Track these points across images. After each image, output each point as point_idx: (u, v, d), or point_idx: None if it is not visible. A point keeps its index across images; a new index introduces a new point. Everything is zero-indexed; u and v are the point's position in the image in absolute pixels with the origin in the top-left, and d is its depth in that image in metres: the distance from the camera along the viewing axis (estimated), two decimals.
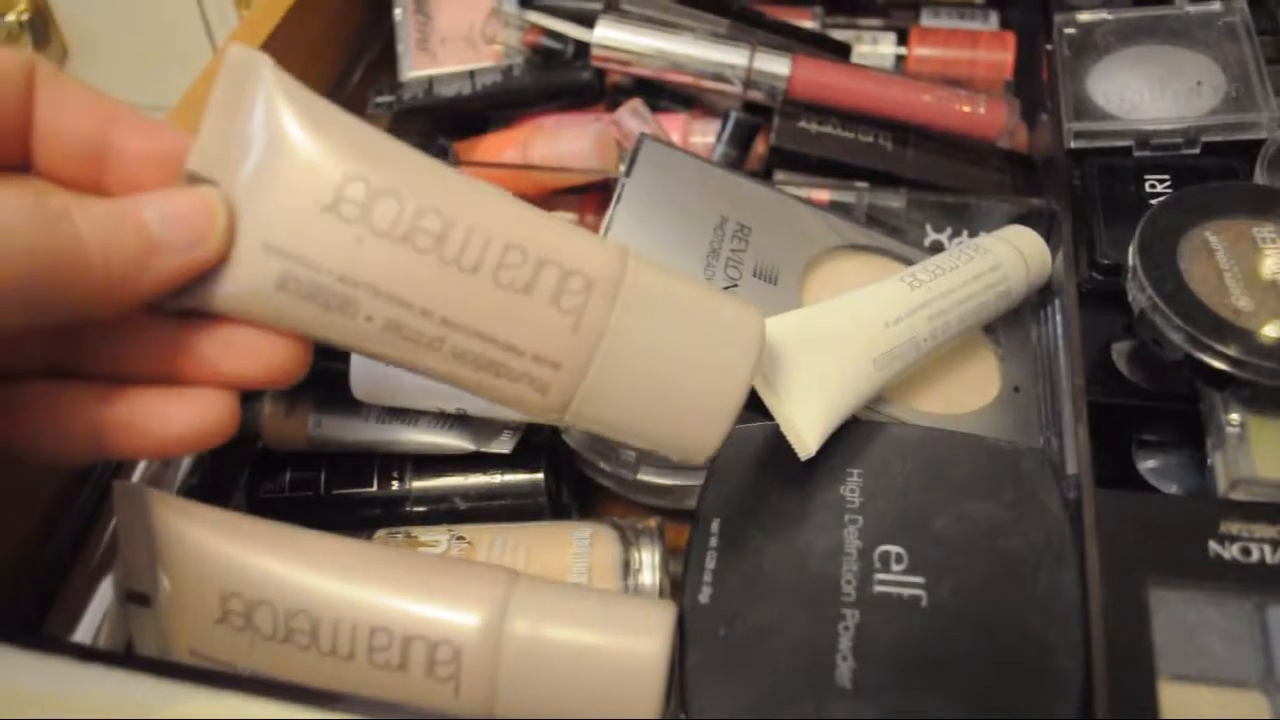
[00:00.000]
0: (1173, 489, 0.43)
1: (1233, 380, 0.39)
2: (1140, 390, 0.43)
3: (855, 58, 0.62)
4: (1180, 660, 0.33)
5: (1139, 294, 0.42)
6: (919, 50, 0.63)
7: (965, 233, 0.51)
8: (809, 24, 0.62)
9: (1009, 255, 0.45)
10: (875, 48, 0.63)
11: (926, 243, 0.51)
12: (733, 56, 0.55)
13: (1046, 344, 0.47)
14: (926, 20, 0.66)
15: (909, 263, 0.47)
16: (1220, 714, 0.32)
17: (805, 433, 0.37)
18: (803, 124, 0.54)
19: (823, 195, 0.51)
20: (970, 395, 0.45)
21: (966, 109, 0.55)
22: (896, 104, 0.55)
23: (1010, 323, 0.48)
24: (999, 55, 0.62)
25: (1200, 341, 0.39)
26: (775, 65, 0.55)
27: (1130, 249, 0.43)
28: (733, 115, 0.55)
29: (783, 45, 0.57)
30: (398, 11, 0.62)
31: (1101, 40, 0.57)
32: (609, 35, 0.56)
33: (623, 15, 0.57)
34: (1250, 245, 0.43)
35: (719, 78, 0.56)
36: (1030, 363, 0.47)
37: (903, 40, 0.64)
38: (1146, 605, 0.34)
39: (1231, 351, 0.39)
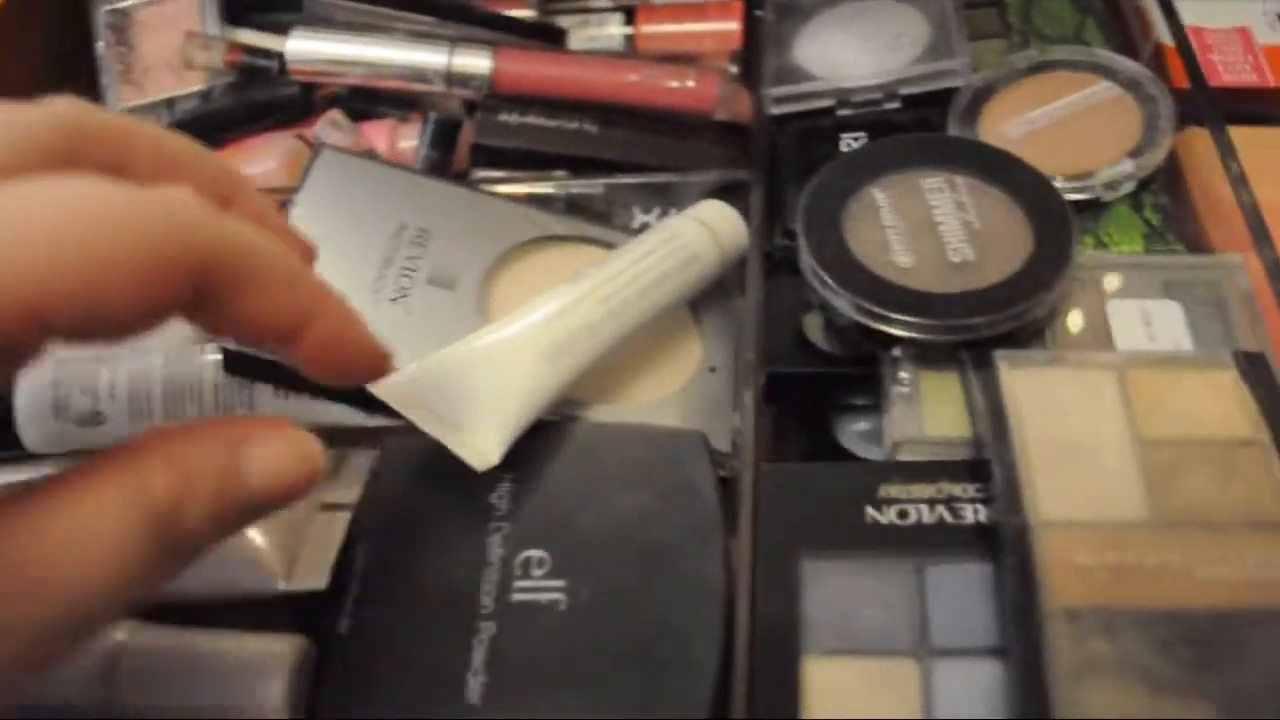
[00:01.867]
0: (876, 453, 0.42)
1: (898, 340, 0.39)
2: (827, 358, 0.43)
3: (583, 41, 0.61)
4: (831, 635, 0.32)
5: (805, 260, 0.41)
6: (646, 28, 0.61)
7: (674, 210, 0.50)
8: (525, 13, 0.61)
9: (687, 226, 0.44)
10: (602, 29, 0.62)
11: (635, 224, 0.50)
12: (431, 57, 0.54)
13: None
14: None
15: (614, 248, 0.46)
16: (866, 685, 0.31)
17: (486, 452, 0.35)
18: (503, 117, 0.53)
19: (519, 189, 0.50)
20: (668, 380, 0.44)
21: (675, 84, 0.54)
22: (603, 87, 0.54)
23: (714, 301, 0.47)
24: (727, 25, 0.61)
25: (859, 305, 0.39)
26: (476, 61, 0.54)
27: (797, 214, 0.42)
28: (432, 116, 0.54)
29: (488, 39, 0.56)
30: (99, 45, 0.59)
31: (808, 2, 0.56)
32: (302, 48, 0.54)
33: (322, 24, 0.55)
34: (918, 199, 0.42)
35: (422, 79, 0.54)
36: (730, 340, 0.46)
37: (630, 19, 0.62)
38: (798, 580, 0.33)
39: (890, 312, 0.38)
